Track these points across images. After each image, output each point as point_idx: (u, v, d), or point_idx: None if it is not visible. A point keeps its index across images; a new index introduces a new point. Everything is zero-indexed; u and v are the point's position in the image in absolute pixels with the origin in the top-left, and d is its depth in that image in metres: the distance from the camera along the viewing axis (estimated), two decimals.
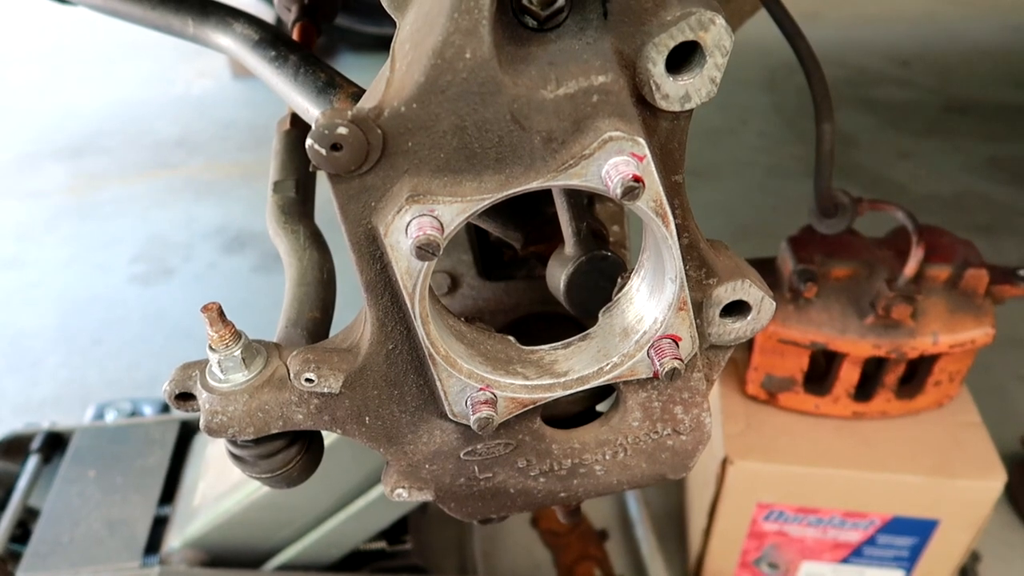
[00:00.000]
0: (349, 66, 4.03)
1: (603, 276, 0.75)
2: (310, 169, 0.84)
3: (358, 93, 0.76)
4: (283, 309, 0.81)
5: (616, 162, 0.53)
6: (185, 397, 0.69)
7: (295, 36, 1.05)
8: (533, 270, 0.93)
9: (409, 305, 0.58)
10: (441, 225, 0.54)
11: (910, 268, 1.11)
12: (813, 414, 1.31)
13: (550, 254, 0.81)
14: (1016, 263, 1.25)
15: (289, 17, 1.08)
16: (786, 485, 1.29)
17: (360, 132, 0.51)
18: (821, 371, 1.30)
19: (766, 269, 1.23)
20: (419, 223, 0.53)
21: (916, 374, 1.28)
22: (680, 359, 0.64)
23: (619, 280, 0.70)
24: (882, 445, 1.28)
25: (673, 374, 0.63)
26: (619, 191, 0.52)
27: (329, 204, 0.56)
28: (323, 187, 0.61)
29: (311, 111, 0.78)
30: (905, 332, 1.16)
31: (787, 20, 1.12)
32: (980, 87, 3.93)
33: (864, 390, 1.29)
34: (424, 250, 0.52)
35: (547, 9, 0.52)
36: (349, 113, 0.50)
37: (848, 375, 1.24)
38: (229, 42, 0.92)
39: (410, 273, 0.56)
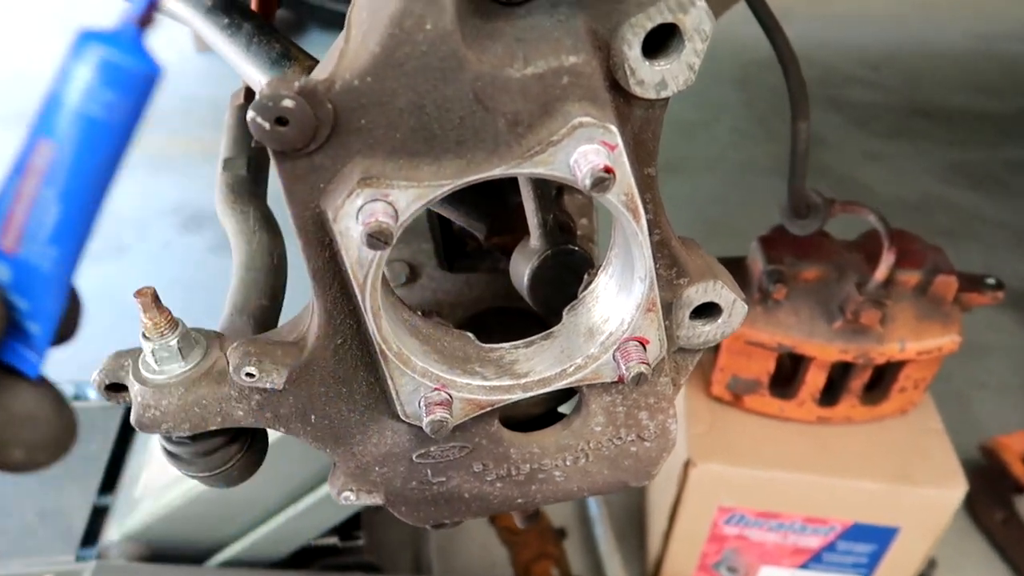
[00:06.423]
0: (318, 44, 3.94)
1: (569, 272, 0.72)
2: (252, 144, 0.79)
3: (312, 66, 0.71)
4: (228, 295, 0.76)
5: (585, 150, 0.49)
6: (117, 388, 0.65)
7: (253, 6, 0.99)
8: (497, 262, 0.89)
9: (360, 297, 0.54)
10: (395, 212, 0.49)
11: (880, 272, 1.09)
12: (778, 417, 1.29)
13: (514, 246, 0.77)
14: (978, 269, 1.24)
15: None
16: (748, 489, 1.27)
17: (308, 106, 0.46)
18: (787, 374, 1.28)
19: (736, 269, 1.21)
20: (371, 209, 0.49)
21: (881, 380, 1.27)
22: (647, 363, 0.60)
23: (586, 277, 0.66)
24: (845, 451, 1.27)
25: (639, 379, 0.60)
26: (588, 182, 0.48)
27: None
28: None
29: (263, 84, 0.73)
30: (873, 337, 1.15)
31: (766, 12, 1.09)
32: (945, 92, 3.98)
33: (829, 395, 1.27)
34: (375, 239, 0.48)
35: None
36: (296, 84, 0.46)
37: (814, 379, 1.22)
38: (181, 6, 0.87)
39: (361, 263, 0.52)
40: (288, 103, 0.45)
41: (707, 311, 0.65)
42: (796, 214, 1.07)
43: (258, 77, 0.73)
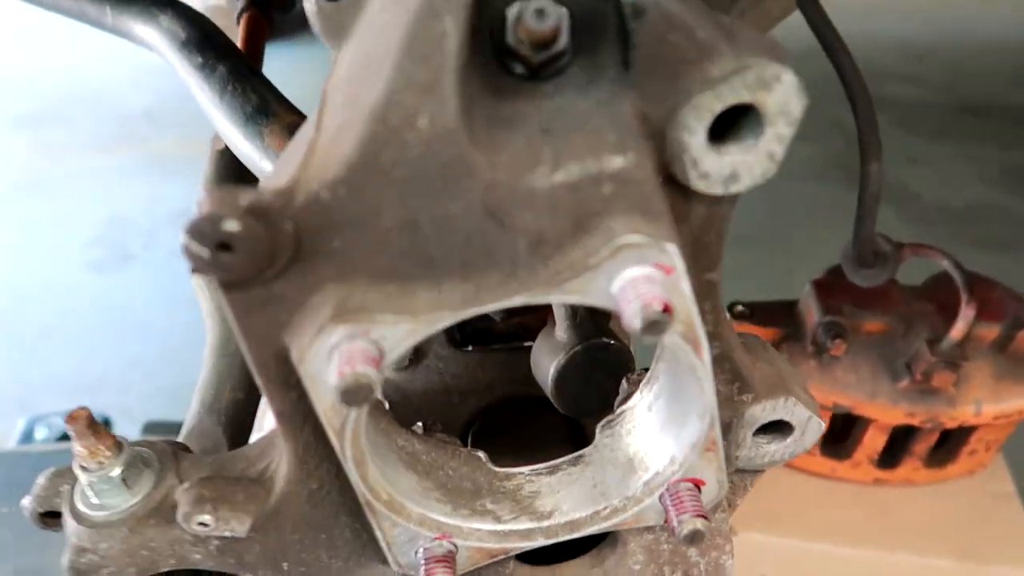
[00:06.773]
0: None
1: (603, 370, 0.60)
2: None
3: (295, 124, 0.60)
4: (197, 386, 0.65)
5: (635, 278, 0.37)
6: (54, 515, 0.54)
7: (241, 29, 0.87)
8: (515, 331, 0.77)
9: (338, 445, 0.42)
10: (380, 352, 0.37)
11: (958, 331, 0.96)
12: (829, 477, 1.17)
13: (538, 326, 0.66)
14: None
15: (236, 5, 0.91)
16: (794, 561, 1.15)
17: (260, 227, 0.34)
18: (841, 430, 1.15)
19: (787, 315, 1.08)
20: (348, 351, 0.37)
21: (949, 441, 1.13)
22: (704, 516, 0.48)
23: (625, 383, 0.54)
24: (904, 518, 1.14)
25: (694, 537, 0.48)
26: (638, 324, 0.35)
27: None
28: None
29: (237, 141, 0.62)
30: (944, 400, 1.01)
31: (828, 29, 0.95)
32: (996, 88, 3.76)
33: (889, 456, 1.14)
34: (352, 395, 0.36)
35: (542, 54, 0.36)
36: (244, 201, 0.34)
37: (873, 441, 1.09)
38: (154, 37, 0.76)
39: (337, 410, 0.40)
40: (232, 226, 0.33)
41: (775, 427, 0.53)
42: (862, 263, 0.93)
43: (231, 132, 0.61)
